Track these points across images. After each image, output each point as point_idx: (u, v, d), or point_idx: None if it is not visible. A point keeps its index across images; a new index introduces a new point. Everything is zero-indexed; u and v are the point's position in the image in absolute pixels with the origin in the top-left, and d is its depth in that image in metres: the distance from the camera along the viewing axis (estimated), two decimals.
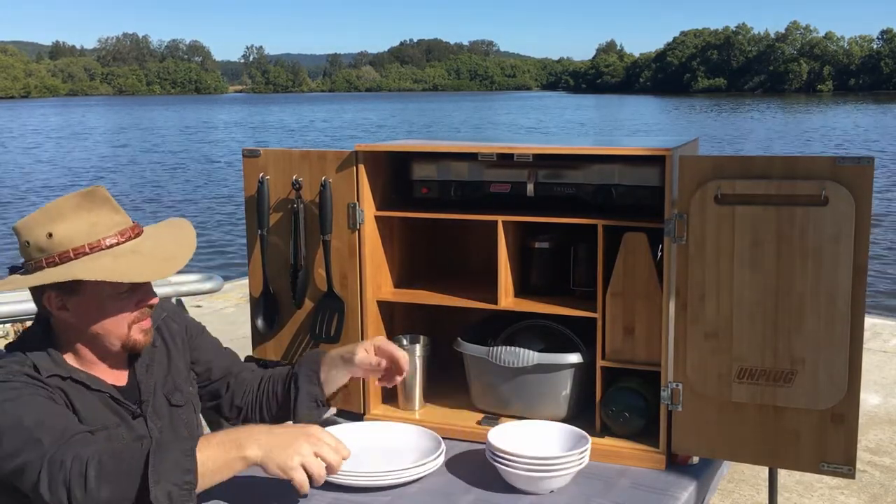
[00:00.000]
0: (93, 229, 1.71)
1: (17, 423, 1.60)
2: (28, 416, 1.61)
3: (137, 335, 1.78)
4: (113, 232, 1.73)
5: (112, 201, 1.76)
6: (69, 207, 1.72)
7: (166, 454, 1.57)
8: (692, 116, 48.48)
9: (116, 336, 1.76)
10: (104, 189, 1.76)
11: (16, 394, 1.64)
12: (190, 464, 1.56)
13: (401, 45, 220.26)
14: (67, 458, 1.55)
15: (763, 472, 3.38)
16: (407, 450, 1.98)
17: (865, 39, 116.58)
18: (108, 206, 1.75)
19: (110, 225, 1.73)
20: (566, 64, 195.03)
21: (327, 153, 2.21)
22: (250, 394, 2.02)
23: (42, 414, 1.63)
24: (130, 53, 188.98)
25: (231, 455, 1.61)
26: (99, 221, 1.72)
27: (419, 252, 2.49)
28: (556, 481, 1.82)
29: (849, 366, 1.79)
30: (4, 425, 1.61)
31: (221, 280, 4.08)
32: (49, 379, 1.70)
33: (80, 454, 1.56)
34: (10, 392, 1.65)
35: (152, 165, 23.48)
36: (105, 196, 1.75)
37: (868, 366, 4.68)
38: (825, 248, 1.77)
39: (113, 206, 1.76)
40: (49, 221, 1.71)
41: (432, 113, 57.87)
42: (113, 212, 1.75)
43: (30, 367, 1.70)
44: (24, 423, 1.60)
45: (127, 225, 1.76)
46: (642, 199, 2.06)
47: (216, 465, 1.60)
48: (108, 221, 1.73)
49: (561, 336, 2.13)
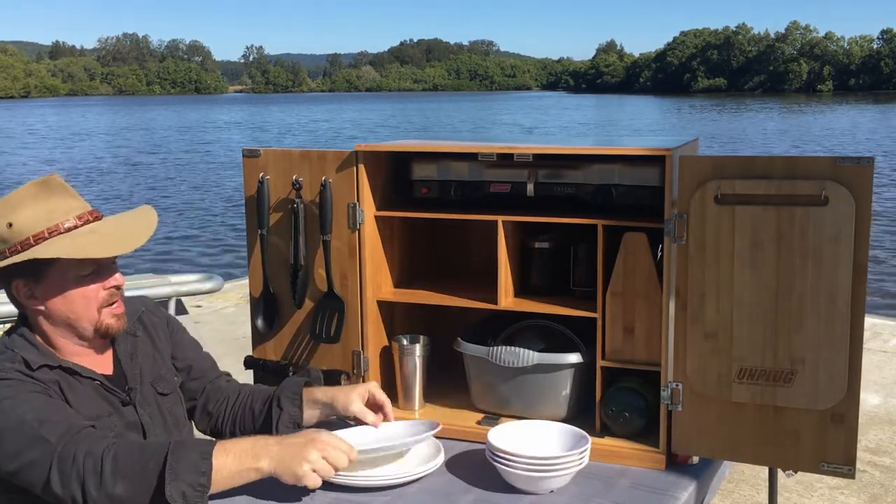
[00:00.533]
0: (50, 215, 1.74)
1: (20, 422, 1.61)
2: (29, 414, 1.62)
3: (109, 319, 1.81)
4: (70, 216, 1.76)
5: (68, 188, 1.80)
6: (26, 196, 1.75)
7: (184, 453, 1.60)
8: (692, 116, 48.49)
9: (87, 320, 1.78)
10: (58, 177, 1.80)
11: (12, 391, 1.65)
12: (205, 466, 1.60)
13: (401, 45, 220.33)
14: (80, 454, 1.57)
15: (763, 472, 3.38)
16: (407, 452, 1.99)
17: (865, 39, 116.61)
18: (64, 192, 1.78)
19: (67, 210, 1.76)
20: (566, 64, 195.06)
21: (327, 153, 2.21)
22: (224, 403, 2.04)
23: (42, 411, 1.64)
24: (130, 53, 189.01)
25: (245, 465, 1.67)
26: (56, 208, 1.75)
27: (419, 252, 2.49)
28: (556, 481, 1.82)
29: (849, 366, 1.79)
30: (7, 425, 1.62)
31: (221, 280, 4.09)
32: (40, 372, 1.71)
33: (92, 449, 1.58)
34: (7, 390, 1.66)
35: (152, 165, 23.48)
36: (60, 183, 1.79)
37: (868, 366, 4.69)
38: (825, 248, 1.77)
39: (69, 192, 1.79)
40: (9, 212, 1.74)
41: (433, 114, 57.89)
42: (69, 197, 1.78)
43: (20, 363, 1.71)
44: (27, 421, 1.61)
45: (84, 209, 1.79)
46: (642, 199, 2.06)
47: (230, 472, 1.66)
48: (64, 207, 1.77)
49: (561, 336, 2.13)
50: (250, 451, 1.67)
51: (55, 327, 1.79)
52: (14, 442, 1.60)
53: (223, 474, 1.63)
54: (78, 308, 1.77)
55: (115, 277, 1.82)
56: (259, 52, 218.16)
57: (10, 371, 1.69)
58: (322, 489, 1.82)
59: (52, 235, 1.73)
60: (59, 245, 1.71)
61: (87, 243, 1.73)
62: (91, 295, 1.78)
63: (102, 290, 1.79)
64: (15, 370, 1.69)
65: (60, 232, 1.74)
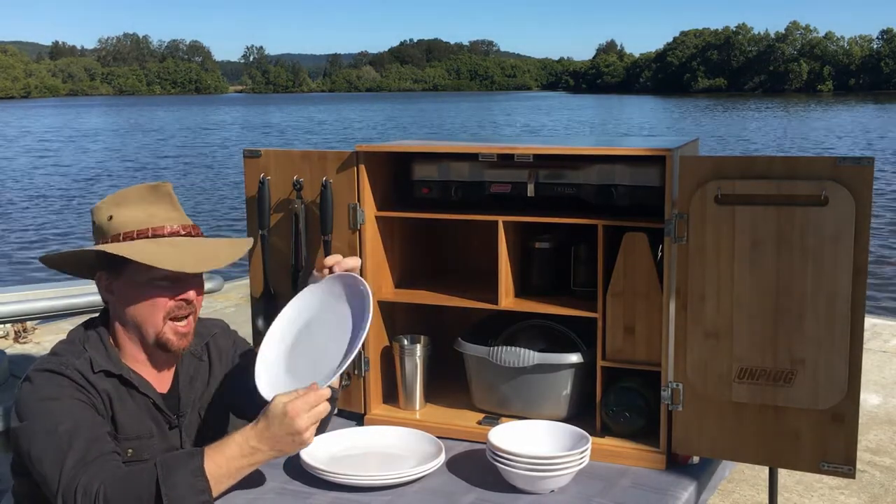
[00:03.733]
0: (149, 219, 1.79)
1: (53, 428, 1.65)
2: (64, 424, 1.65)
3: (170, 334, 1.81)
4: (166, 224, 1.80)
5: (174, 198, 1.84)
6: (133, 195, 1.82)
7: (177, 477, 1.60)
8: (692, 116, 48.49)
9: (151, 325, 1.80)
10: (170, 186, 1.85)
11: (60, 392, 1.69)
12: (202, 483, 1.61)
13: (401, 45, 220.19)
14: (79, 493, 1.58)
15: (763, 472, 3.38)
16: (408, 454, 1.99)
17: (865, 39, 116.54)
18: (170, 201, 1.83)
19: (165, 218, 1.81)
20: (566, 64, 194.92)
21: (328, 153, 2.21)
22: None
23: (77, 424, 1.66)
24: (130, 53, 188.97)
25: (241, 464, 1.68)
26: (157, 213, 1.80)
27: (419, 252, 2.49)
28: (556, 481, 1.83)
29: (849, 366, 1.79)
30: (42, 427, 1.66)
31: (221, 280, 4.08)
32: (98, 377, 1.75)
33: (88, 487, 1.58)
34: (56, 389, 1.70)
35: (151, 166, 23.47)
36: (168, 192, 1.84)
37: (868, 366, 4.68)
38: (825, 248, 1.77)
39: (173, 203, 1.84)
40: (114, 206, 1.81)
41: (434, 114, 57.85)
42: (172, 208, 1.83)
43: (85, 361, 1.76)
44: (59, 431, 1.64)
45: (181, 222, 1.83)
46: (642, 199, 2.06)
47: (227, 475, 1.67)
48: (164, 215, 1.81)
49: (561, 336, 2.13)
50: (238, 453, 1.67)
51: (124, 327, 1.83)
52: (42, 447, 1.64)
53: (220, 482, 1.65)
54: (144, 311, 1.80)
55: (188, 293, 1.82)
56: (259, 52, 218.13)
57: (70, 368, 1.73)
58: (322, 489, 1.82)
59: (139, 237, 1.77)
60: (137, 247, 1.75)
61: (161, 252, 1.75)
62: (158, 302, 1.79)
63: (171, 300, 1.80)
64: (76, 368, 1.73)
65: (148, 236, 1.77)
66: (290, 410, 1.67)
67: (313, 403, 1.69)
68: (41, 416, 1.66)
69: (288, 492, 1.81)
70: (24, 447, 1.66)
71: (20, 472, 1.74)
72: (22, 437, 1.67)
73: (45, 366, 1.73)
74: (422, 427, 2.11)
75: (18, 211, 15.32)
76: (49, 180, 19.97)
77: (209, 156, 26.49)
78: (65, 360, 1.74)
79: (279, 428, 1.68)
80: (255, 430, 1.68)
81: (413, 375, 2.25)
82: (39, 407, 1.68)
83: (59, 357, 1.76)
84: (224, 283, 4.21)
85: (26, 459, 1.67)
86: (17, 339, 5.93)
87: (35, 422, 1.66)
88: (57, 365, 1.73)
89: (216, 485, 1.63)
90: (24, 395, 1.70)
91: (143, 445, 1.80)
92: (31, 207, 15.67)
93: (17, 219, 14.38)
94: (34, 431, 1.66)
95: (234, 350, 2.06)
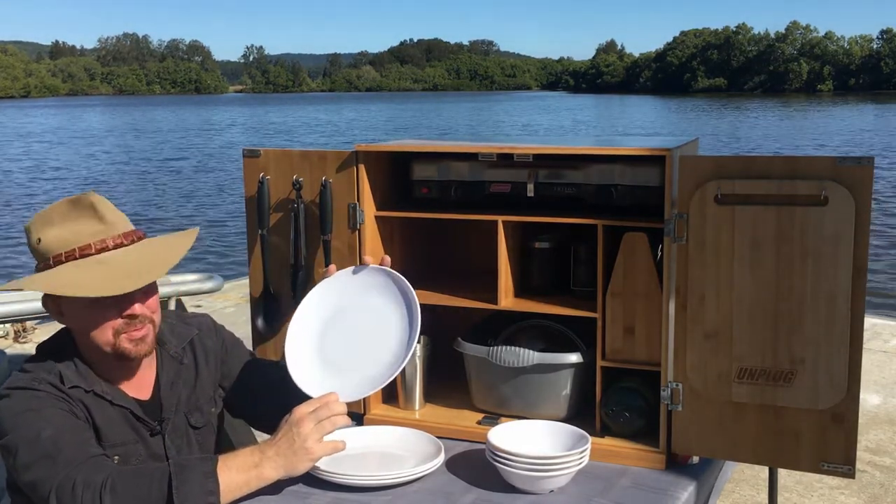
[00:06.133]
0: (75, 238, 1.70)
1: (36, 436, 1.61)
2: (46, 430, 1.62)
3: (126, 344, 1.74)
4: (90, 241, 1.70)
5: (98, 208, 1.72)
6: (56, 214, 1.72)
7: (188, 475, 1.59)
8: (692, 116, 48.47)
9: (104, 342, 1.73)
10: (93, 195, 1.74)
11: (38, 403, 1.66)
12: (212, 485, 1.60)
13: (401, 44, 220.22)
14: (78, 486, 1.55)
15: (763, 472, 3.38)
16: (407, 454, 1.99)
17: (865, 39, 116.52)
18: (92, 213, 1.72)
19: (91, 234, 1.71)
20: (566, 64, 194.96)
21: (327, 153, 2.21)
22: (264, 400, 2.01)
23: (60, 429, 1.63)
24: (130, 53, 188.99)
25: (251, 475, 1.67)
26: (81, 231, 1.70)
27: (419, 252, 2.49)
28: (556, 481, 1.83)
29: (849, 366, 1.79)
30: (23, 437, 1.62)
31: (221, 280, 4.08)
32: (71, 390, 1.70)
33: (90, 480, 1.56)
34: (34, 401, 1.66)
35: (151, 166, 23.47)
36: (91, 203, 1.72)
37: (868, 366, 4.69)
38: (825, 248, 1.77)
39: (97, 214, 1.72)
40: (41, 226, 1.72)
41: (433, 115, 57.82)
42: (96, 220, 1.72)
43: (55, 377, 1.70)
44: (42, 437, 1.61)
45: (111, 233, 1.72)
46: (642, 199, 2.06)
47: (236, 485, 1.66)
48: (89, 230, 1.71)
49: (561, 336, 2.13)
50: (251, 462, 1.67)
51: (85, 344, 1.76)
52: (27, 455, 1.61)
53: (230, 489, 1.64)
54: (93, 331, 1.72)
55: (133, 308, 1.72)
56: (259, 52, 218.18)
57: (42, 383, 1.68)
58: (322, 489, 1.82)
59: (68, 260, 1.69)
60: (63, 276, 1.67)
61: (87, 278, 1.66)
62: (105, 323, 1.71)
63: (118, 318, 1.72)
64: (48, 382, 1.69)
65: (76, 257, 1.69)
66: (300, 420, 1.69)
67: (319, 409, 1.70)
68: (21, 427, 1.62)
69: (287, 492, 1.81)
70: (10, 462, 1.63)
71: (15, 489, 1.70)
72: (6, 453, 1.63)
73: (17, 384, 1.68)
74: (421, 427, 2.10)
75: (19, 210, 15.32)
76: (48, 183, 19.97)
77: (209, 155, 26.48)
78: (35, 375, 1.69)
79: (284, 433, 1.70)
80: (267, 440, 1.71)
81: (413, 375, 2.25)
82: (18, 420, 1.63)
83: (29, 374, 1.70)
84: (224, 282, 4.21)
85: (14, 473, 1.63)
86: (17, 338, 5.93)
87: (16, 434, 1.62)
88: (28, 381, 1.68)
89: (225, 491, 1.62)
90: (1, 413, 1.65)
91: (129, 451, 1.75)
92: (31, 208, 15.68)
93: (17, 219, 14.38)
94: (17, 443, 1.61)
95: (224, 349, 2.01)
